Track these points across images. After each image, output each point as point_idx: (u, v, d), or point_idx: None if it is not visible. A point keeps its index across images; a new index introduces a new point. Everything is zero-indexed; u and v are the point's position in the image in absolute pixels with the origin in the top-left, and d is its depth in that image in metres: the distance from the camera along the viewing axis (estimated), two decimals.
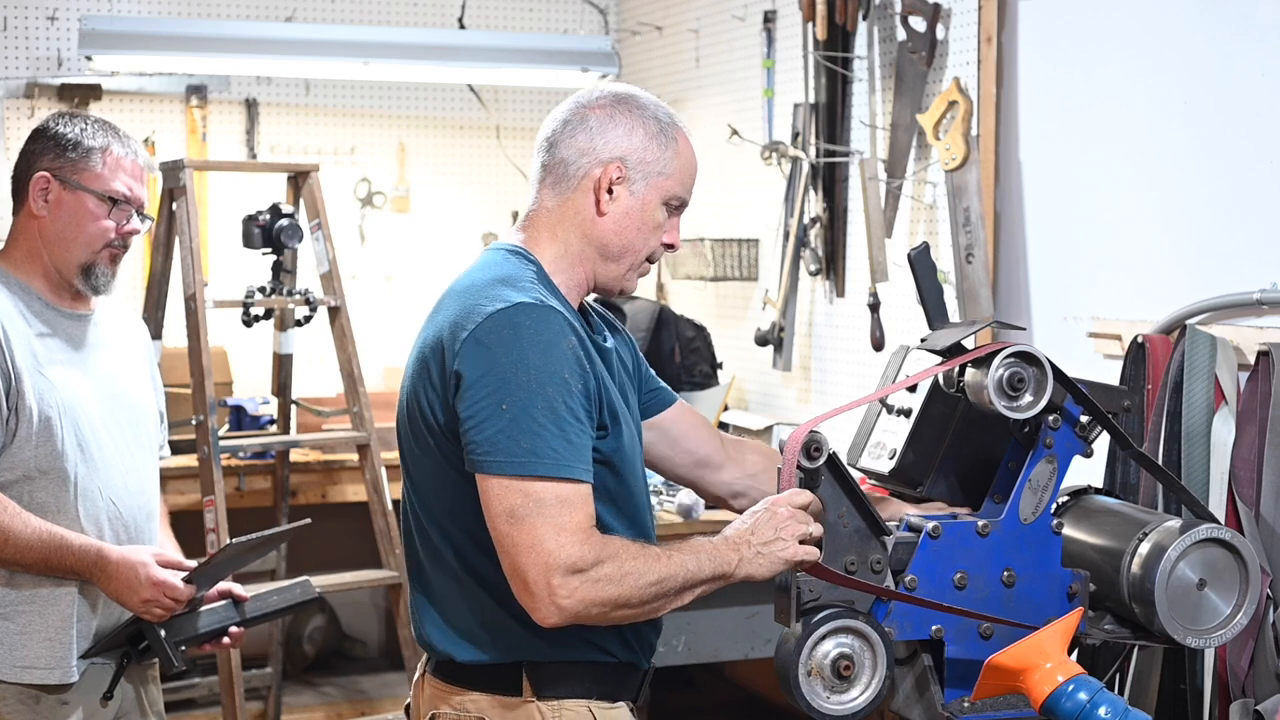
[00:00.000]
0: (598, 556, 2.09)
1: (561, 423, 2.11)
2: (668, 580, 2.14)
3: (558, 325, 2.16)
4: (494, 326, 2.14)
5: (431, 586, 2.27)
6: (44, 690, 2.70)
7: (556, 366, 2.13)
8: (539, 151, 2.34)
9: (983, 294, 3.87)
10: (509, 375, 2.11)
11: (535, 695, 2.20)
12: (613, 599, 2.10)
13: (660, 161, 2.30)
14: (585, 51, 5.49)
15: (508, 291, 2.18)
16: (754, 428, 4.69)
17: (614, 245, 2.30)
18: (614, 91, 2.34)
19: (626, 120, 2.29)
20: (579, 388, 2.15)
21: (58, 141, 2.77)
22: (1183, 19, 3.32)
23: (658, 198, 2.30)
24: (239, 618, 2.85)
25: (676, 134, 2.32)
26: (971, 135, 3.90)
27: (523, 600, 2.11)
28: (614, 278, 2.33)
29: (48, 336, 2.74)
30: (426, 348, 2.23)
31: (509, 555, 2.10)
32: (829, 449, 2.27)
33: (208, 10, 5.63)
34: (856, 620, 2.28)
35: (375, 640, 6.00)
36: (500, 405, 2.10)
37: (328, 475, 4.99)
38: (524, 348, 2.12)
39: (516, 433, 2.10)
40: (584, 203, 2.29)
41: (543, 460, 2.10)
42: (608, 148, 2.28)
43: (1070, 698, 2.17)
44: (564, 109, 2.33)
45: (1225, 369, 3.00)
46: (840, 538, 2.30)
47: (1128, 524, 2.43)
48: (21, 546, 2.63)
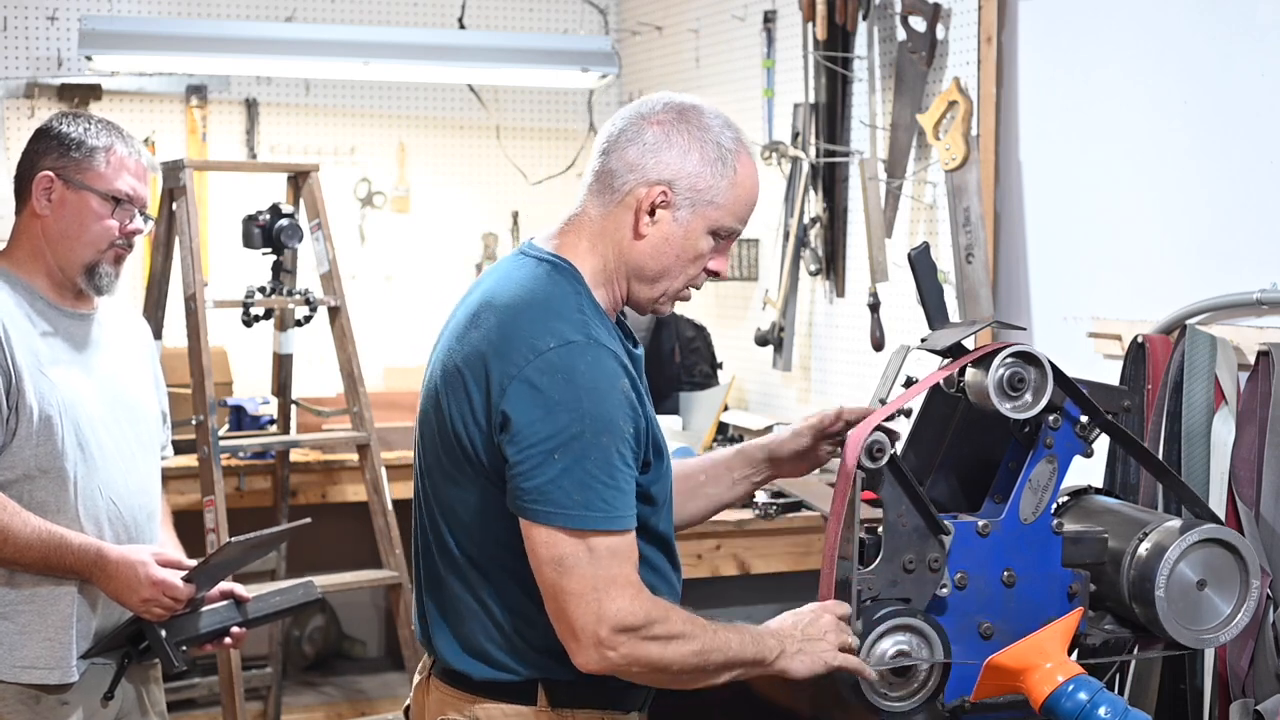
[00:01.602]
0: (649, 617, 2.07)
1: (613, 471, 2.06)
2: (710, 653, 2.12)
3: (612, 368, 2.09)
4: (547, 368, 2.05)
5: (450, 603, 2.21)
6: (44, 690, 2.70)
7: (611, 414, 2.06)
8: (596, 154, 2.22)
9: (983, 294, 3.87)
10: (562, 424, 2.04)
11: (550, 706, 2.18)
12: (656, 661, 2.09)
13: (712, 190, 2.17)
14: (585, 51, 5.49)
15: (560, 325, 2.09)
16: (754, 428, 4.69)
17: (649, 269, 2.19)
18: (679, 106, 2.21)
19: (684, 141, 2.17)
20: (630, 432, 2.08)
21: (61, 141, 2.77)
22: (1183, 19, 3.32)
23: (703, 226, 2.18)
24: (241, 618, 2.84)
25: (738, 161, 2.20)
26: (971, 135, 3.90)
27: (567, 644, 2.08)
28: (646, 300, 2.23)
29: (50, 336, 2.74)
30: (466, 368, 2.13)
31: (556, 600, 2.07)
32: (890, 450, 2.28)
33: (208, 10, 5.63)
34: (913, 618, 2.30)
35: (375, 640, 6.00)
36: (552, 454, 2.04)
37: (328, 475, 4.99)
38: (579, 395, 2.04)
39: (568, 484, 2.04)
40: (624, 220, 2.18)
41: (594, 513, 2.05)
42: (657, 168, 2.16)
43: (1070, 698, 2.17)
44: (625, 115, 2.22)
45: (1225, 369, 3.00)
46: (899, 536, 2.31)
47: (1128, 524, 2.43)
48: (21, 545, 2.63)
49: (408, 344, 5.74)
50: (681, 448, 4.35)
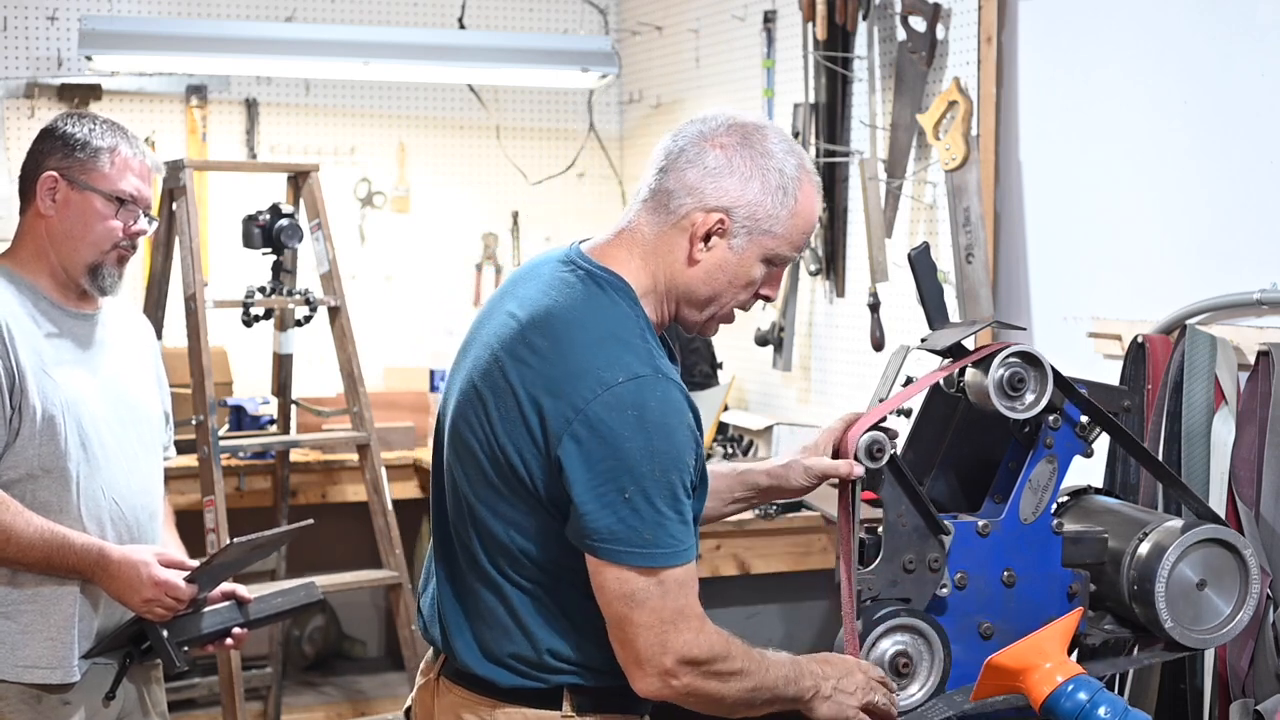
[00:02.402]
0: (713, 653, 2.08)
1: (680, 505, 2.05)
2: (760, 690, 2.13)
3: (679, 403, 2.06)
4: (616, 404, 2.02)
5: (477, 611, 2.18)
6: (45, 690, 2.69)
7: (680, 450, 2.04)
8: (653, 168, 2.15)
9: (983, 294, 3.87)
10: (632, 462, 2.01)
11: (576, 713, 2.16)
12: (713, 695, 2.10)
13: (771, 219, 2.12)
14: (585, 51, 5.49)
15: (627, 357, 2.05)
16: (754, 427, 4.69)
17: (701, 294, 2.15)
18: (744, 127, 2.14)
19: (746, 168, 2.11)
20: (693, 465, 2.07)
21: (66, 141, 2.77)
22: (1183, 19, 3.33)
23: (758, 254, 2.14)
24: (242, 619, 2.84)
25: (800, 191, 2.14)
26: (971, 135, 3.90)
27: (628, 669, 2.09)
28: (695, 323, 2.20)
29: (54, 336, 2.74)
30: (525, 396, 2.07)
31: (623, 629, 2.07)
32: (890, 449, 2.28)
33: (208, 10, 5.63)
34: (913, 618, 2.30)
35: (375, 640, 6.00)
36: (622, 493, 2.01)
37: (328, 475, 4.99)
38: (650, 433, 2.01)
39: (638, 523, 2.02)
40: (678, 243, 2.13)
41: (663, 550, 2.04)
42: (717, 194, 2.10)
43: (1070, 698, 2.17)
44: (688, 133, 2.15)
45: (1225, 369, 3.01)
46: (899, 536, 2.31)
47: (1128, 524, 2.43)
48: (23, 545, 2.63)
49: (408, 344, 5.74)
50: None
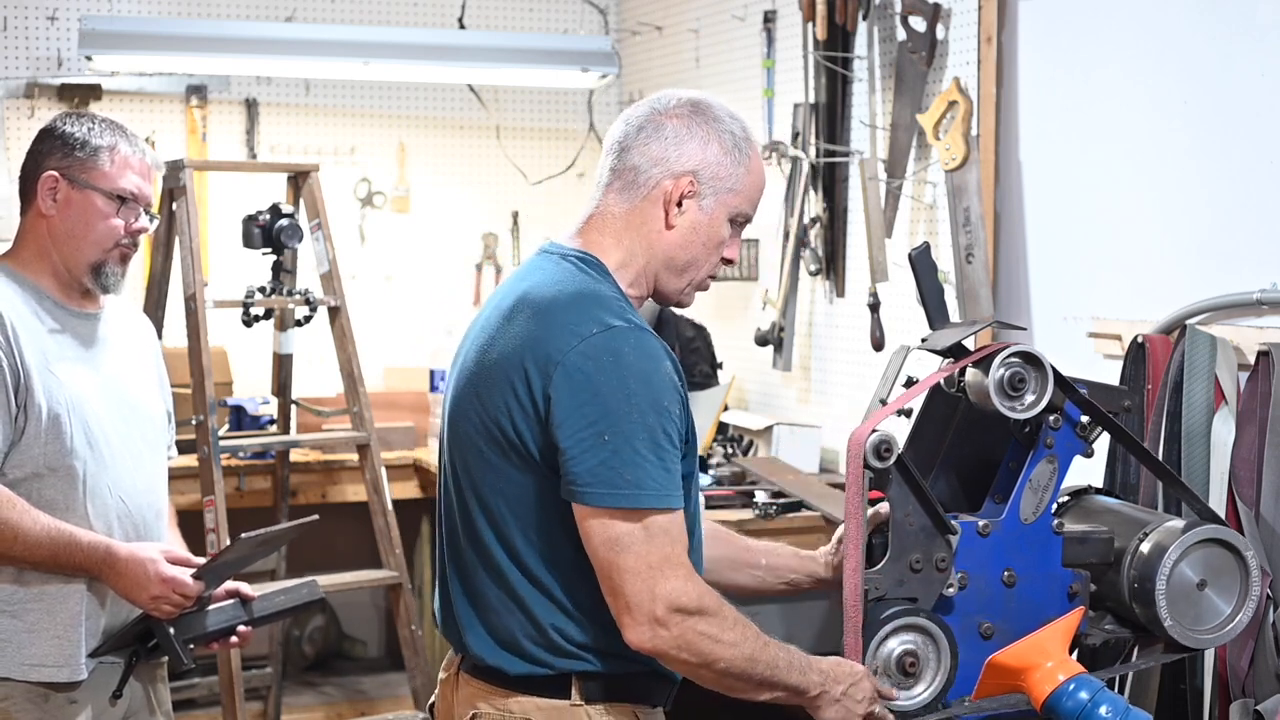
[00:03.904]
0: (702, 603, 2.10)
1: (661, 452, 2.10)
2: (758, 664, 2.15)
3: (655, 349, 2.14)
4: (592, 352, 2.10)
5: (485, 600, 2.23)
6: (52, 688, 2.70)
7: (658, 394, 2.11)
8: (608, 154, 2.28)
9: (983, 294, 3.87)
10: (611, 405, 2.08)
11: (585, 701, 2.19)
12: (706, 654, 2.11)
13: (732, 177, 2.26)
14: (585, 51, 5.49)
15: (600, 313, 2.14)
16: (754, 428, 4.69)
17: (680, 259, 2.27)
18: (691, 100, 2.29)
19: (703, 132, 2.25)
20: (677, 412, 2.13)
21: (65, 141, 2.78)
22: (1183, 19, 3.33)
23: (725, 214, 2.27)
24: (247, 617, 2.84)
25: (750, 149, 2.28)
26: (971, 135, 3.90)
27: (620, 620, 2.11)
28: (675, 290, 2.31)
29: (57, 335, 2.75)
30: (509, 364, 2.16)
31: (611, 579, 2.10)
32: (898, 449, 2.29)
33: (208, 10, 5.63)
34: (920, 617, 2.30)
35: (375, 640, 6.00)
36: (602, 436, 2.08)
37: (328, 475, 4.99)
38: (626, 376, 2.09)
39: (619, 464, 2.08)
40: (652, 213, 2.25)
41: (646, 492, 2.09)
42: (682, 160, 2.24)
43: (1071, 697, 2.17)
44: (639, 113, 2.28)
45: (1225, 369, 3.01)
46: (906, 536, 2.32)
47: (1128, 524, 2.43)
48: (30, 544, 2.63)
49: (408, 344, 5.74)
50: None
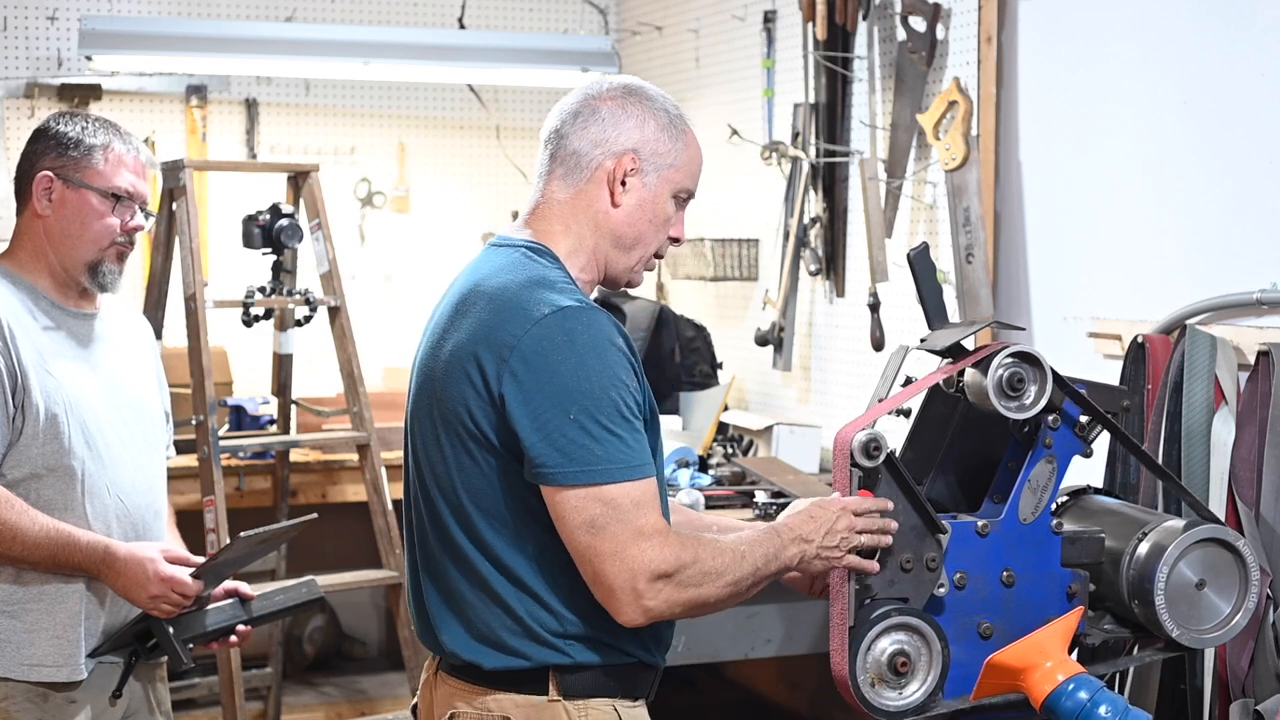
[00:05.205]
0: (679, 560, 2.11)
1: (626, 425, 2.12)
2: (742, 580, 2.18)
3: (607, 326, 2.16)
4: (546, 334, 2.12)
5: (456, 595, 2.23)
6: (52, 688, 2.70)
7: (614, 368, 2.13)
8: (546, 144, 2.32)
9: (983, 294, 3.87)
10: (571, 384, 2.10)
11: (562, 695, 2.19)
12: (694, 600, 2.14)
13: (671, 154, 2.29)
14: (585, 51, 5.48)
15: (549, 295, 2.16)
16: (754, 427, 4.69)
17: (627, 236, 2.29)
18: (623, 83, 2.34)
19: (638, 111, 2.29)
20: (634, 384, 2.15)
21: (59, 140, 2.78)
22: (1183, 19, 3.32)
23: (668, 190, 2.30)
24: (246, 616, 2.85)
25: (685, 126, 2.33)
26: (971, 135, 3.90)
27: (607, 604, 2.12)
28: (625, 269, 2.32)
29: (54, 334, 2.75)
30: (463, 354, 2.18)
31: (590, 564, 2.11)
32: (887, 447, 2.28)
33: (208, 10, 5.63)
34: (911, 617, 2.30)
35: (375, 640, 6.00)
36: (566, 414, 2.09)
37: (328, 475, 4.99)
38: (583, 354, 2.11)
39: (586, 441, 2.09)
40: (597, 194, 2.28)
41: (615, 465, 2.10)
42: (621, 139, 2.27)
43: (1070, 696, 2.17)
44: (572, 101, 2.33)
45: (1225, 369, 3.01)
46: (896, 535, 2.31)
47: (1127, 524, 2.43)
48: (29, 544, 2.64)
49: (408, 344, 5.67)
50: (682, 448, 4.35)
